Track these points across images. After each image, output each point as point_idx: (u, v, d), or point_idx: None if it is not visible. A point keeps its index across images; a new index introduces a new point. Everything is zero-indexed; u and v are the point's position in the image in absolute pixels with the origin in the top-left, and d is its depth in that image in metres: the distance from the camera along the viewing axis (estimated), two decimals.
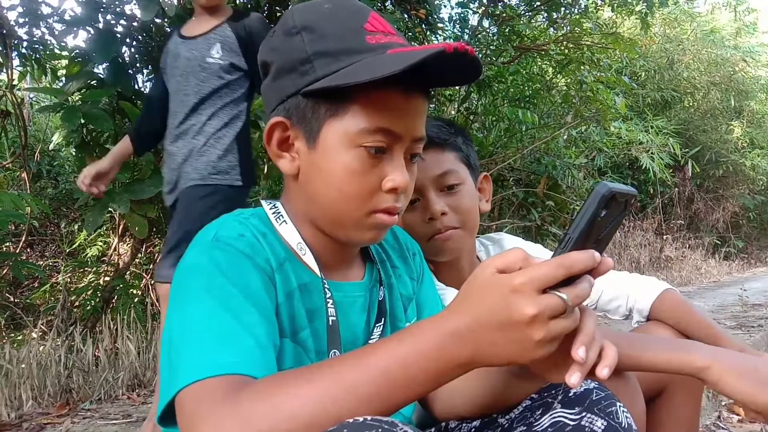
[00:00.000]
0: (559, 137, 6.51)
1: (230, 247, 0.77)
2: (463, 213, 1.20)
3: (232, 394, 0.62)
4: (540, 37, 5.31)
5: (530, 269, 0.60)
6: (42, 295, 4.01)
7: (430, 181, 1.18)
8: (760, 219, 12.60)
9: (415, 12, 3.83)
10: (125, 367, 2.75)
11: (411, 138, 0.82)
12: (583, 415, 0.79)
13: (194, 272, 0.76)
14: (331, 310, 0.83)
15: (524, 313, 0.59)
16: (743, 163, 10.68)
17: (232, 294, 0.73)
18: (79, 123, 2.83)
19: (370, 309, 0.91)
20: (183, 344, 0.69)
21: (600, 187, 0.61)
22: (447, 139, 1.22)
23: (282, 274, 0.81)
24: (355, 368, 0.63)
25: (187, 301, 0.73)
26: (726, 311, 5.17)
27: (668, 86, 9.85)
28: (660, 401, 1.23)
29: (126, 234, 3.73)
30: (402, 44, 0.82)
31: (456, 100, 5.71)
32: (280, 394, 0.61)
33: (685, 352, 1.01)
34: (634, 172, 9.36)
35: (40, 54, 3.42)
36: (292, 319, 0.81)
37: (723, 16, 12.08)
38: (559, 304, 0.59)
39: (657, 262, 8.96)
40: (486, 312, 0.61)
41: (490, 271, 0.62)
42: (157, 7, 2.80)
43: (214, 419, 0.60)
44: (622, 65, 8.16)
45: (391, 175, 0.80)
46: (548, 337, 0.60)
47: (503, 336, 0.61)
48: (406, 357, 0.63)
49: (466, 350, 0.63)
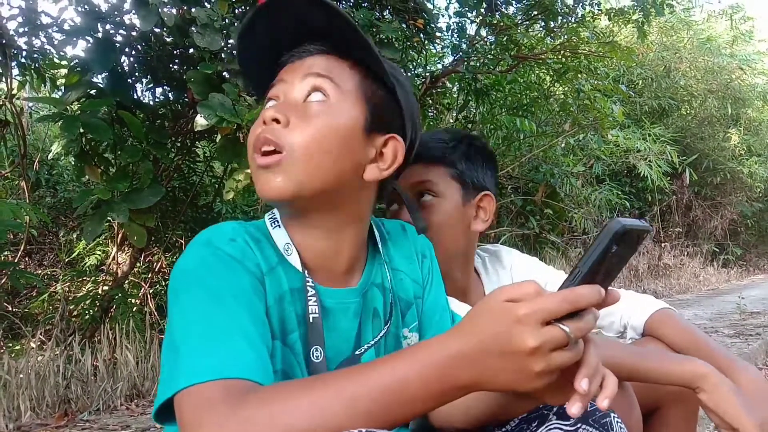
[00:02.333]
0: (557, 145, 6.53)
1: (220, 251, 0.79)
2: (429, 227, 1.16)
3: (231, 400, 0.64)
4: (537, 46, 5.33)
5: (536, 301, 0.60)
6: (40, 305, 4.00)
7: (405, 189, 1.17)
8: (758, 226, 12.62)
9: (413, 21, 3.84)
10: (124, 378, 2.74)
11: (297, 76, 0.86)
12: (578, 426, 0.81)
13: (187, 275, 0.79)
14: (313, 307, 0.84)
15: (526, 345, 0.60)
16: (741, 170, 10.69)
17: (224, 297, 0.75)
18: (79, 132, 2.83)
19: (363, 314, 0.91)
20: (182, 345, 0.71)
21: (614, 224, 0.61)
22: (437, 155, 1.23)
23: (273, 278, 0.83)
24: (356, 383, 0.64)
25: (183, 303, 0.76)
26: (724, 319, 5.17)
27: (665, 94, 9.88)
28: (655, 417, 1.22)
29: (125, 243, 3.72)
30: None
31: (454, 109, 5.72)
32: (280, 404, 0.63)
33: (681, 363, 1.02)
34: (632, 180, 9.37)
35: (39, 63, 3.43)
36: (282, 322, 0.83)
37: (719, 24, 12.13)
38: (562, 337, 0.60)
39: (655, 270, 8.96)
40: (490, 339, 0.62)
41: (500, 299, 0.63)
42: (156, 17, 2.81)
43: (215, 425, 0.62)
44: (619, 73, 8.19)
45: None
46: (548, 368, 0.61)
47: (504, 364, 0.62)
48: (407, 376, 0.64)
49: (467, 374, 0.63)
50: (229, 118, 2.51)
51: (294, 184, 0.81)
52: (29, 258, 5.09)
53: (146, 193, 2.88)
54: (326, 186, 0.83)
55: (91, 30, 3.12)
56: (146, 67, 3.33)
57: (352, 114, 0.85)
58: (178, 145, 3.58)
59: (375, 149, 0.88)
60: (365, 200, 0.91)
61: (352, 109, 0.85)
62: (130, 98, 3.18)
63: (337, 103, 0.84)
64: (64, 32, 3.27)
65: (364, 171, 0.87)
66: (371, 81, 0.88)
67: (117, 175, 2.98)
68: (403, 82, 0.92)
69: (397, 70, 0.93)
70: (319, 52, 0.87)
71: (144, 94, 3.52)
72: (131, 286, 3.72)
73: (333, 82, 0.85)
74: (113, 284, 3.60)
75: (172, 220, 3.65)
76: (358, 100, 0.86)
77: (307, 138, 0.81)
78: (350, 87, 0.86)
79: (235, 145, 2.78)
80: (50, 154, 5.05)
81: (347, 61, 0.87)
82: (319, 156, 0.81)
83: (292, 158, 0.80)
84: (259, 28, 0.88)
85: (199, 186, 3.92)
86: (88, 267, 4.58)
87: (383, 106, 0.89)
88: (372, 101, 0.87)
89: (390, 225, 1.02)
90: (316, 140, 0.81)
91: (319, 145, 0.81)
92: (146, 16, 2.82)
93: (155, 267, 3.82)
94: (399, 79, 0.91)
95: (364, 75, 0.88)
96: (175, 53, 3.37)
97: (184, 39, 2.93)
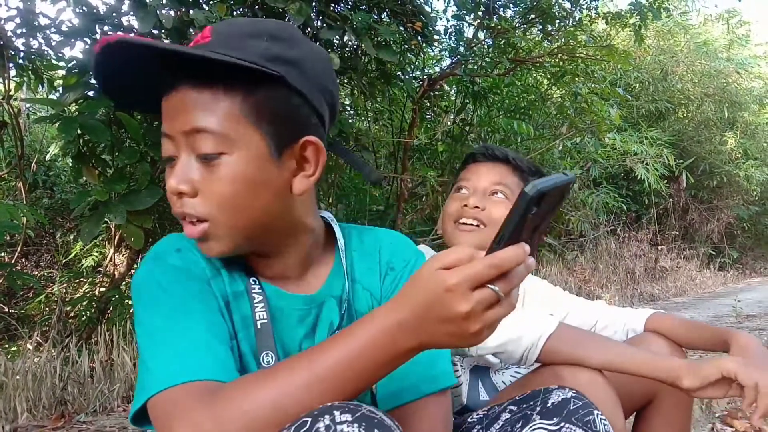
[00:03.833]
0: (554, 148, 6.54)
1: (166, 264, 0.83)
2: (493, 219, 1.35)
3: (202, 400, 0.69)
4: (535, 50, 5.34)
5: (464, 268, 0.63)
6: (37, 306, 3.99)
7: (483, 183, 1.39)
8: (755, 229, 12.66)
9: (411, 24, 3.85)
10: (121, 379, 2.74)
11: (179, 134, 0.78)
12: (561, 425, 0.83)
13: (140, 290, 0.82)
14: (261, 313, 0.86)
15: (459, 311, 0.63)
16: (737, 173, 10.72)
17: (176, 307, 0.79)
18: (76, 134, 2.83)
19: (316, 324, 0.90)
20: (148, 353, 0.76)
21: (528, 188, 0.61)
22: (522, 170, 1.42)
23: (217, 283, 0.86)
24: (310, 367, 0.69)
25: (141, 316, 0.80)
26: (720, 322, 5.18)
27: (662, 97, 9.90)
28: (651, 408, 1.27)
29: (122, 245, 3.72)
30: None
31: (452, 112, 5.74)
32: (247, 397, 0.67)
33: (662, 361, 1.06)
34: (629, 183, 9.40)
35: (37, 65, 3.43)
36: (232, 325, 0.85)
37: (716, 28, 12.18)
38: (492, 296, 0.63)
39: (652, 273, 8.98)
40: (423, 308, 0.65)
41: (432, 269, 0.65)
42: (155, 18, 2.82)
43: (189, 425, 0.67)
44: (616, 77, 8.21)
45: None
46: (485, 326, 0.64)
47: (443, 328, 0.65)
48: (355, 351, 0.68)
49: (410, 340, 0.67)
50: None
51: (228, 242, 0.81)
52: (26, 259, 5.09)
53: (143, 195, 2.88)
54: (257, 223, 0.82)
55: (89, 31, 3.12)
56: None
57: (252, 152, 0.78)
58: None
59: (293, 160, 0.82)
60: (303, 207, 0.87)
61: (250, 146, 0.78)
62: None
63: (230, 150, 0.77)
64: (62, 33, 3.27)
65: (291, 188, 0.83)
66: (254, 89, 0.78)
67: (114, 176, 2.97)
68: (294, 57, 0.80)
69: (279, 40, 0.81)
70: (184, 90, 0.78)
71: None
72: (128, 287, 3.71)
73: (216, 132, 0.77)
74: (110, 285, 3.59)
75: (169, 221, 3.64)
76: (249, 130, 0.78)
77: (221, 201, 0.78)
78: (231, 122, 0.77)
79: None
80: (47, 156, 5.05)
81: (219, 85, 0.77)
82: (240, 209, 0.79)
83: (216, 224, 0.79)
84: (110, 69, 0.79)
85: None
86: (85, 268, 4.58)
87: (279, 113, 0.80)
88: (265, 120, 0.79)
89: (369, 236, 0.98)
90: (230, 199, 0.78)
91: (235, 201, 0.79)
92: (144, 18, 2.83)
93: None
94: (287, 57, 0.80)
95: (243, 93, 0.78)
96: None
97: (182, 41, 2.94)
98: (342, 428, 0.64)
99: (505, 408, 0.95)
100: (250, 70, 0.76)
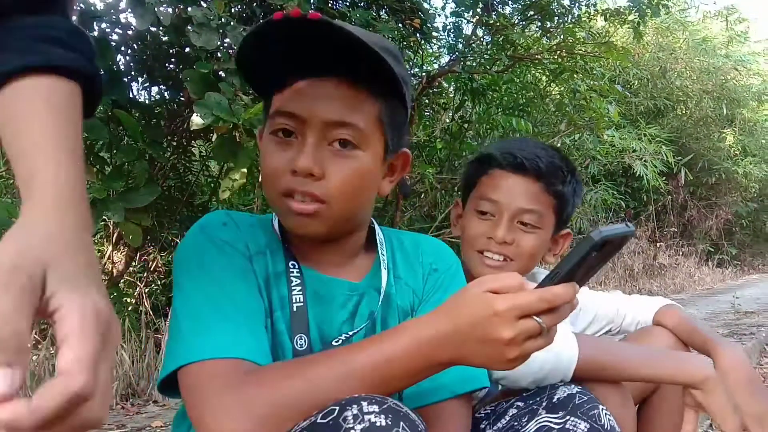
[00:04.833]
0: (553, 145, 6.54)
1: (212, 235, 0.86)
2: (522, 253, 1.23)
3: (234, 380, 0.71)
4: (533, 46, 5.34)
5: (515, 296, 0.65)
6: None
7: (511, 207, 1.22)
8: (753, 226, 12.68)
9: (410, 21, 3.85)
10: (119, 377, 2.74)
11: (320, 120, 0.83)
12: (567, 419, 0.86)
13: (185, 261, 0.85)
14: (297, 296, 0.88)
15: (502, 336, 0.65)
16: (736, 170, 10.74)
17: (221, 279, 0.81)
18: None
19: (356, 312, 0.92)
20: (186, 323, 0.78)
21: (594, 234, 0.64)
22: (556, 186, 1.24)
23: (260, 261, 0.88)
24: (346, 363, 0.71)
25: (184, 287, 0.82)
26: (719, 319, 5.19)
27: (661, 94, 9.91)
28: (654, 397, 1.28)
29: (120, 242, 3.72)
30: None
31: (450, 109, 5.73)
32: (278, 385, 0.70)
33: (684, 364, 1.06)
34: (628, 180, 9.40)
35: None
36: (270, 303, 0.87)
37: (714, 25, 12.17)
38: (536, 328, 0.66)
39: (650, 270, 8.99)
40: (468, 326, 0.67)
41: (482, 289, 0.67)
42: (153, 16, 2.81)
43: (219, 404, 0.69)
44: (615, 74, 8.21)
45: (295, 158, 0.83)
46: (521, 355, 0.67)
47: (482, 349, 0.67)
48: (393, 355, 0.70)
49: (447, 353, 0.69)
50: (225, 117, 2.51)
51: (329, 226, 0.86)
52: None
53: (142, 192, 2.88)
54: (353, 214, 0.89)
55: (87, 29, 3.11)
56: (142, 66, 3.32)
57: (377, 153, 0.88)
58: (174, 145, 3.57)
59: (387, 165, 0.92)
60: (371, 207, 0.96)
61: (377, 147, 0.88)
62: (126, 97, 3.17)
63: (362, 145, 0.86)
64: None
65: (379, 189, 0.93)
66: (389, 98, 0.88)
67: (113, 174, 2.97)
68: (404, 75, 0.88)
69: (401, 63, 0.89)
70: (338, 82, 0.84)
71: (140, 93, 3.52)
72: (126, 285, 3.71)
73: (356, 129, 0.84)
74: (108, 283, 3.59)
75: (168, 219, 3.64)
76: (377, 132, 0.87)
77: (344, 189, 0.84)
78: (371, 124, 0.86)
79: (231, 145, 2.78)
80: None
81: (367, 90, 0.85)
82: (353, 199, 0.86)
83: (330, 208, 0.84)
84: (272, 36, 0.83)
85: (195, 185, 3.91)
86: None
87: (398, 122, 0.90)
88: (390, 127, 0.89)
89: (407, 238, 1.04)
90: (353, 189, 0.85)
91: (353, 191, 0.85)
92: (142, 15, 2.82)
93: (151, 266, 3.81)
94: (403, 74, 0.88)
95: (383, 100, 0.87)
96: (171, 52, 3.37)
97: (181, 38, 2.93)
98: (369, 418, 0.65)
99: (513, 404, 0.97)
100: (395, 80, 0.83)
